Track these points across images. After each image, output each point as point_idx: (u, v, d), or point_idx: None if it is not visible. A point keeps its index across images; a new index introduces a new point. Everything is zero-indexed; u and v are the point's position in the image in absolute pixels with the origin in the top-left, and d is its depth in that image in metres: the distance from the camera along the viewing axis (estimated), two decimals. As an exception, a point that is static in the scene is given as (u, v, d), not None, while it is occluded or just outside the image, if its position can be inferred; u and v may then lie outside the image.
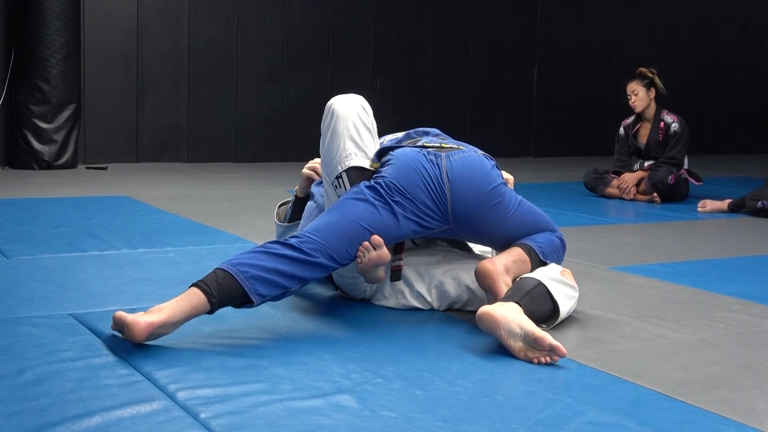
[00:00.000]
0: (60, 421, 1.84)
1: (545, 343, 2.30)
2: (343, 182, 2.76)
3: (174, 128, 7.66)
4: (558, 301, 2.61)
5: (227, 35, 7.81)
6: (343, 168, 2.77)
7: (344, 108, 2.83)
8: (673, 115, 6.05)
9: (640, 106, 6.04)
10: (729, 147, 10.43)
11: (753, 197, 5.40)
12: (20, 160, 6.74)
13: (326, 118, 2.86)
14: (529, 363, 2.32)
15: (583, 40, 9.55)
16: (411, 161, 2.73)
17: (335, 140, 2.80)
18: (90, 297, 2.89)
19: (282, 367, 2.24)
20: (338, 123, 2.80)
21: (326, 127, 2.84)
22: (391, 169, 2.72)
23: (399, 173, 2.70)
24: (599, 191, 6.18)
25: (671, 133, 5.99)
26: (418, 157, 2.74)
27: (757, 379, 2.30)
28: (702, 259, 3.99)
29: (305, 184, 3.24)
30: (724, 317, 2.92)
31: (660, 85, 6.01)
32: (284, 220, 3.29)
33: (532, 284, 2.58)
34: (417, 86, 8.70)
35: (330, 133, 2.81)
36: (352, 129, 2.80)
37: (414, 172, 2.70)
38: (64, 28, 6.66)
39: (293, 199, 3.28)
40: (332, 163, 2.80)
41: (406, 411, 1.98)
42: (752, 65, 10.67)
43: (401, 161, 2.74)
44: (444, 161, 2.73)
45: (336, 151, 2.79)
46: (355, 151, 2.78)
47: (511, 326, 2.36)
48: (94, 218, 4.47)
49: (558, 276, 2.67)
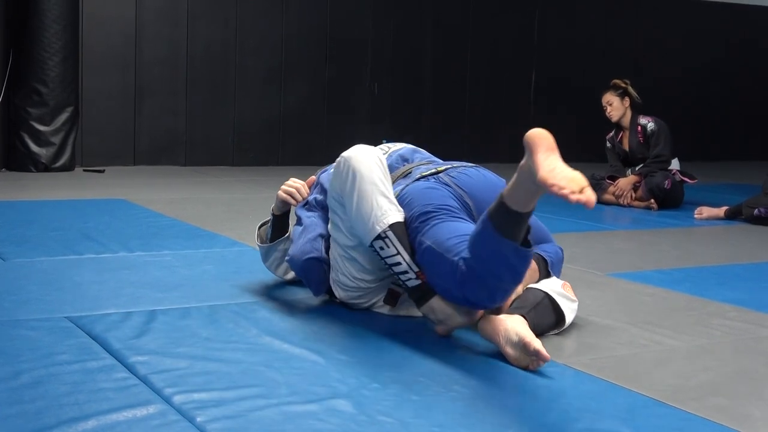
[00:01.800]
0: (56, 425, 1.84)
1: (531, 348, 2.30)
2: (390, 242, 2.61)
3: (172, 131, 7.66)
4: (564, 313, 2.64)
5: (225, 39, 7.82)
6: (384, 226, 2.61)
7: (364, 165, 2.70)
8: (647, 117, 6.14)
9: (615, 115, 6.16)
10: (726, 154, 10.45)
11: (750, 204, 5.41)
12: (17, 163, 6.74)
13: (347, 180, 2.70)
14: (525, 370, 2.32)
15: (581, 47, 9.57)
16: (422, 187, 2.74)
17: (365, 201, 2.65)
18: (86, 300, 2.89)
19: (278, 372, 2.24)
20: (363, 183, 2.67)
21: (350, 189, 2.68)
22: (417, 203, 2.68)
23: (427, 199, 2.68)
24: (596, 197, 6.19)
25: (649, 132, 6.10)
26: (425, 184, 2.76)
27: (752, 387, 2.31)
28: (698, 266, 4.00)
29: (281, 205, 3.12)
30: (721, 324, 2.92)
31: (634, 94, 6.15)
32: (266, 240, 3.23)
33: (538, 297, 2.58)
34: (415, 91, 8.71)
35: (357, 195, 2.66)
36: (380, 184, 2.68)
37: (432, 192, 2.71)
38: (62, 31, 6.66)
39: (271, 219, 3.19)
40: (368, 225, 2.63)
41: (403, 416, 1.98)
42: (749, 72, 10.69)
43: (415, 193, 2.72)
44: (446, 179, 2.76)
45: (370, 212, 2.64)
46: (389, 206, 2.66)
47: (509, 334, 2.37)
48: (91, 221, 4.47)
49: (560, 289, 2.69)
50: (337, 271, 2.82)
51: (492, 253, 2.33)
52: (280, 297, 3.05)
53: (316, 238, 2.88)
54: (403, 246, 2.60)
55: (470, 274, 2.40)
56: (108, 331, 2.51)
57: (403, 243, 2.61)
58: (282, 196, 3.10)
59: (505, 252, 2.30)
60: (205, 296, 3.00)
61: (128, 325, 2.59)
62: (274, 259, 3.18)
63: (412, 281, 2.60)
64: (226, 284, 3.19)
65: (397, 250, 2.60)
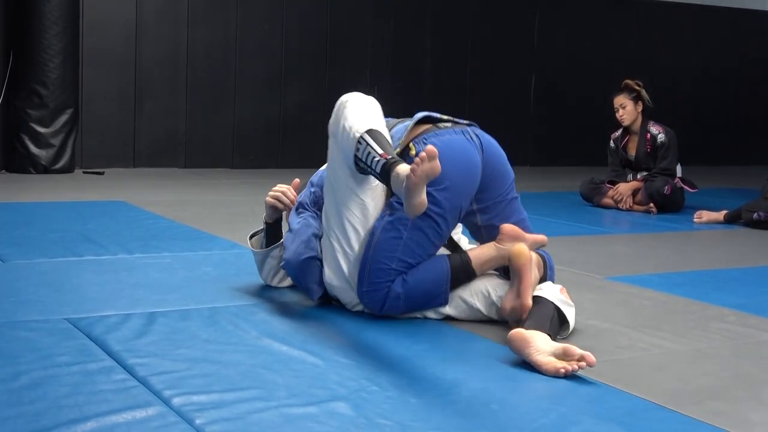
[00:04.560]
0: (55, 426, 1.84)
1: (575, 352, 2.33)
2: (365, 141, 2.61)
3: (171, 134, 7.66)
4: (570, 322, 2.68)
5: (225, 41, 7.82)
6: (361, 131, 2.63)
7: (360, 97, 2.80)
8: (658, 125, 6.06)
9: (628, 119, 6.04)
10: (725, 158, 10.45)
11: (749, 209, 5.41)
12: (17, 164, 6.74)
13: (339, 109, 2.77)
14: (556, 376, 2.31)
15: (581, 51, 9.57)
16: (460, 151, 2.80)
17: (349, 118, 2.70)
18: (86, 302, 2.89)
19: (277, 374, 2.24)
20: (351, 107, 2.74)
21: (339, 114, 2.75)
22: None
23: (449, 166, 2.69)
24: (595, 201, 6.19)
25: (658, 144, 6.00)
26: (466, 147, 2.83)
27: (751, 391, 2.31)
28: (698, 270, 4.00)
29: (271, 212, 3.14)
30: (720, 328, 2.92)
31: (647, 98, 6.01)
32: (260, 247, 3.23)
33: (550, 311, 2.62)
34: (415, 95, 8.70)
35: (343, 115, 2.73)
36: (369, 109, 2.74)
37: (465, 164, 2.79)
38: (62, 32, 6.67)
39: (264, 227, 3.20)
40: (348, 136, 2.68)
41: (402, 419, 1.98)
42: (749, 76, 10.70)
43: (450, 151, 2.75)
44: (477, 140, 2.87)
45: (352, 124, 2.68)
46: (372, 120, 2.68)
47: (540, 345, 2.39)
48: (91, 223, 4.47)
49: (559, 295, 2.70)
50: (330, 265, 2.83)
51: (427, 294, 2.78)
52: (279, 299, 3.05)
53: (310, 239, 2.89)
54: (376, 143, 2.61)
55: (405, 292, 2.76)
56: (107, 333, 2.51)
57: (378, 141, 2.62)
58: (270, 201, 3.12)
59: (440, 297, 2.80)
60: (205, 298, 3.00)
61: (128, 326, 2.59)
62: (270, 268, 3.18)
63: (379, 164, 2.57)
64: (225, 286, 3.19)
65: (367, 144, 2.61)
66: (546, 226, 4.92)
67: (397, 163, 2.53)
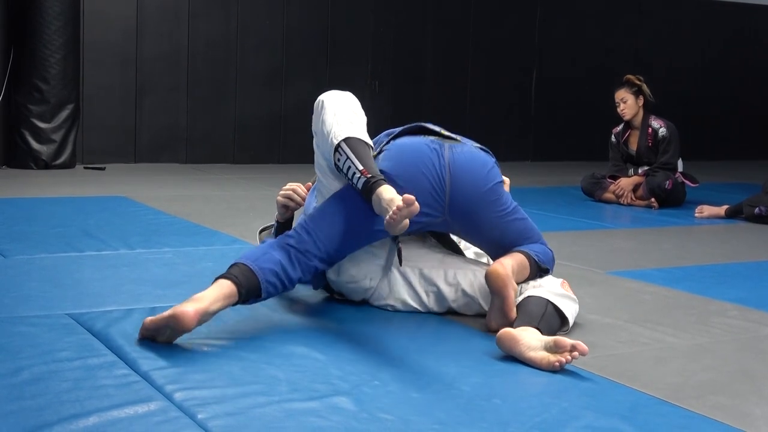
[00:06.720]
0: (57, 421, 1.84)
1: (566, 343, 2.32)
2: (344, 152, 2.63)
3: (172, 129, 7.66)
4: (567, 317, 2.65)
5: (226, 37, 7.81)
6: (338, 139, 2.65)
7: (336, 96, 2.82)
8: (659, 120, 6.05)
9: (629, 114, 6.03)
10: (727, 153, 10.44)
11: (750, 203, 5.41)
12: (18, 160, 6.73)
13: (318, 111, 2.82)
14: (552, 370, 2.31)
15: (582, 46, 9.56)
16: (411, 149, 2.75)
17: (327, 122, 2.74)
18: (87, 297, 2.89)
19: (279, 369, 2.24)
20: (329, 109, 2.76)
21: (318, 116, 2.80)
22: (388, 161, 2.72)
23: (397, 163, 2.71)
24: (596, 196, 6.19)
25: (659, 138, 6.00)
26: (420, 146, 2.76)
27: (753, 385, 2.31)
28: (699, 265, 4.00)
29: (282, 211, 3.16)
30: (721, 323, 2.92)
31: (648, 92, 6.00)
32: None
33: (542, 306, 2.59)
34: (416, 90, 8.70)
35: (321, 119, 2.77)
36: (347, 110, 2.76)
37: (413, 160, 2.72)
38: (63, 27, 6.66)
39: (275, 225, 3.20)
40: (327, 142, 2.71)
41: (403, 414, 1.98)
42: (750, 72, 10.68)
43: (401, 149, 2.75)
44: (447, 152, 2.75)
45: (330, 129, 2.71)
46: (350, 124, 2.70)
47: (530, 342, 2.38)
48: (92, 218, 4.47)
49: (560, 289, 2.69)
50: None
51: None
52: (281, 294, 3.05)
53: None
54: (356, 155, 2.61)
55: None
56: (109, 328, 2.51)
57: (357, 152, 2.61)
58: (281, 201, 3.15)
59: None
60: (206, 293, 2.99)
61: (129, 321, 2.59)
62: None
63: (360, 180, 2.57)
64: (226, 281, 3.19)
65: (347, 157, 2.61)
66: (547, 220, 4.92)
67: (378, 183, 2.52)
